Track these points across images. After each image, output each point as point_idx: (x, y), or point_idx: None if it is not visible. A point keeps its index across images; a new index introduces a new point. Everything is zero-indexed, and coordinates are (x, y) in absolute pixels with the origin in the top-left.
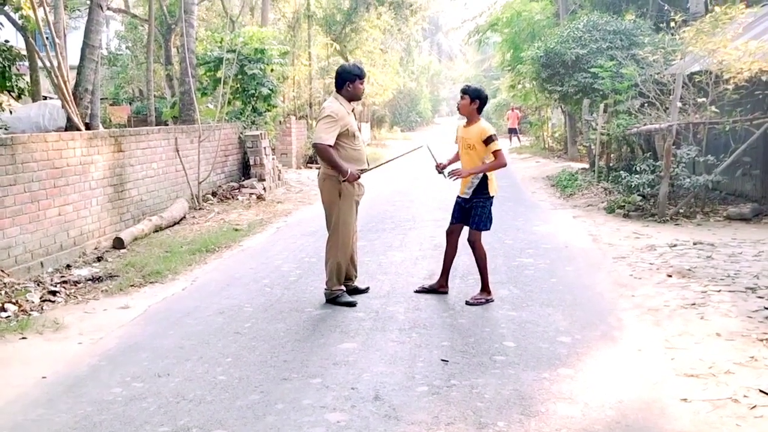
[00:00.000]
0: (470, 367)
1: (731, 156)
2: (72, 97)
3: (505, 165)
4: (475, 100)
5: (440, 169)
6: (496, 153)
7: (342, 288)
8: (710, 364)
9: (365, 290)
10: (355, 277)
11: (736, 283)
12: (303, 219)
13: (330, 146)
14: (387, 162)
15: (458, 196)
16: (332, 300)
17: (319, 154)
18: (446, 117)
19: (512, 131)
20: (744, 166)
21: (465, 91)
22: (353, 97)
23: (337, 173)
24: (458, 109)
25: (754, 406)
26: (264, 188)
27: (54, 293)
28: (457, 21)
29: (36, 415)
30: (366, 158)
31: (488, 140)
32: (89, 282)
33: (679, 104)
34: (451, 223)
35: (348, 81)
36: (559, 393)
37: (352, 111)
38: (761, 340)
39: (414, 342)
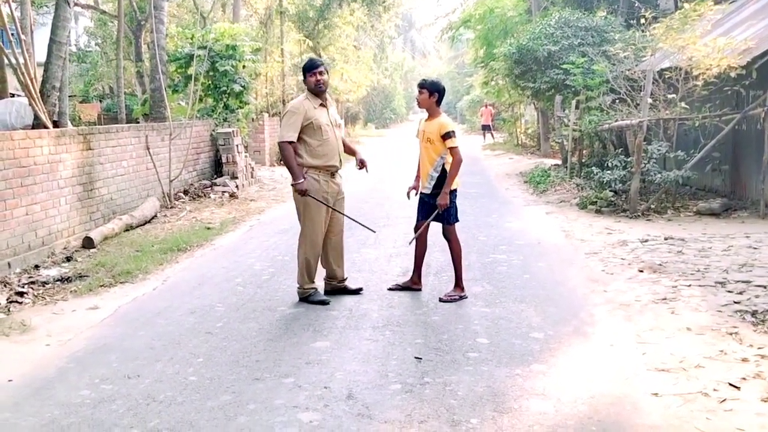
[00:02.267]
0: (444, 364)
1: (701, 152)
2: (39, 95)
3: (461, 162)
4: (433, 93)
5: (411, 192)
6: (453, 150)
7: (313, 286)
8: (681, 359)
9: (357, 291)
10: (341, 276)
11: (706, 277)
12: (276, 217)
13: (291, 142)
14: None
15: (421, 192)
16: (305, 299)
17: (282, 152)
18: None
19: (486, 128)
20: (713, 161)
21: (422, 86)
22: (313, 91)
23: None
24: (418, 103)
25: (724, 400)
26: (236, 186)
27: (21, 294)
28: (430, 17)
29: (2, 418)
30: (339, 154)
31: (446, 136)
32: (58, 282)
33: (649, 100)
34: (418, 220)
35: (305, 77)
36: (532, 389)
37: (322, 105)
38: (730, 334)
39: (387, 340)
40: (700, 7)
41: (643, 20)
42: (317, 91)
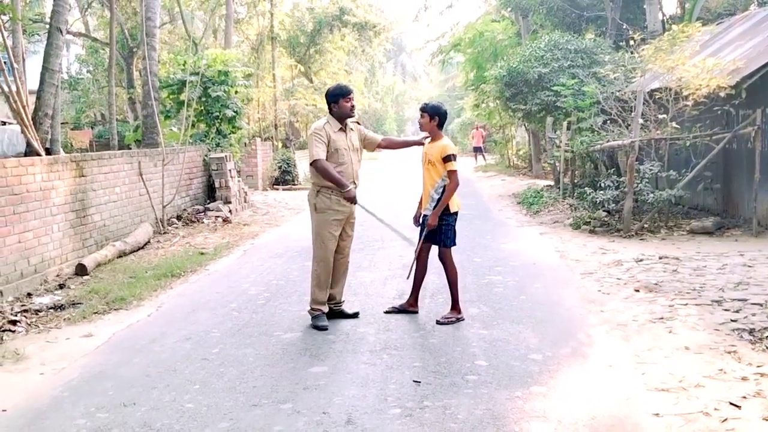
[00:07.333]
0: (443, 387)
1: (692, 171)
2: (32, 122)
3: (457, 185)
4: (434, 116)
5: (417, 220)
6: (451, 173)
7: (321, 309)
8: (680, 378)
9: (354, 315)
10: (339, 297)
11: (702, 296)
12: (270, 241)
13: (320, 159)
14: (377, 218)
15: (423, 214)
16: (312, 318)
17: (318, 171)
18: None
19: (477, 150)
20: (705, 180)
21: (423, 109)
22: (343, 115)
23: (337, 187)
24: (420, 126)
25: (726, 419)
26: (230, 211)
27: (14, 323)
28: (420, 41)
29: None
30: (354, 178)
31: (446, 159)
32: (51, 310)
33: (640, 121)
34: (419, 243)
35: (333, 102)
36: (532, 411)
37: (341, 129)
38: (729, 353)
39: (385, 363)
40: (688, 29)
41: (631, 42)
42: (348, 116)
